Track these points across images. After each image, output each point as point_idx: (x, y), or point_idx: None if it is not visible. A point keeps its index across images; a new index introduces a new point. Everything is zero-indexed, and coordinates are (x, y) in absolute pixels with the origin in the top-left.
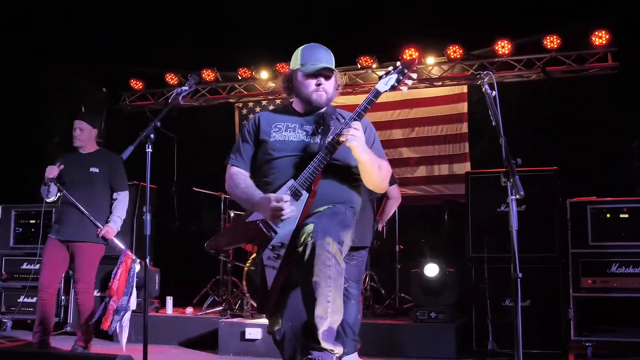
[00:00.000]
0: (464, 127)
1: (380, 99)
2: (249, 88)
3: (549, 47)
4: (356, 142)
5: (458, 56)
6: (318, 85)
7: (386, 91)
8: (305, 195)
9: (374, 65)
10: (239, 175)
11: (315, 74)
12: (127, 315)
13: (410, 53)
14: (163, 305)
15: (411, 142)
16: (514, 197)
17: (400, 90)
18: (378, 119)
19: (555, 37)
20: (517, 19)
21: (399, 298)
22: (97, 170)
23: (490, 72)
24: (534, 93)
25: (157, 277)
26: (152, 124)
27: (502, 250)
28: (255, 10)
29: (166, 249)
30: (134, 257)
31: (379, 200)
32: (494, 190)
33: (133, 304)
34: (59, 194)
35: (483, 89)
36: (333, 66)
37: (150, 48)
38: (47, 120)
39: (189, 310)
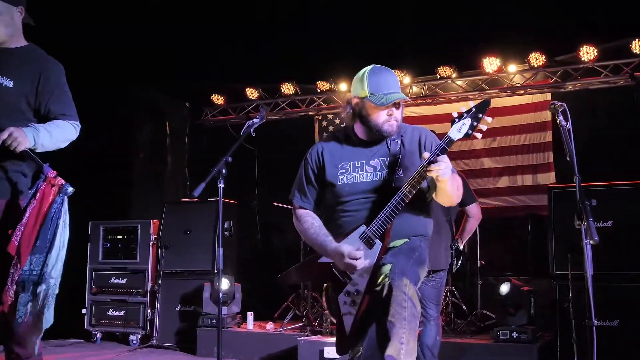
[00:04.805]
0: (548, 136)
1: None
2: (328, 100)
3: (637, 51)
4: (447, 176)
5: (540, 63)
6: (390, 115)
7: (460, 139)
8: (378, 244)
9: (454, 75)
10: (307, 218)
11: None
12: (43, 293)
13: (490, 61)
14: (244, 319)
15: (493, 152)
16: (588, 240)
17: (476, 137)
18: None
19: None
20: (602, 22)
21: (480, 315)
22: (10, 84)
23: (564, 104)
24: (622, 100)
25: (239, 292)
26: (224, 159)
27: None
28: (333, 22)
29: (249, 262)
30: (64, 183)
31: (458, 219)
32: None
33: (57, 271)
34: None
35: (557, 121)
36: (401, 92)
37: (230, 63)
38: (132, 137)
39: (270, 325)
